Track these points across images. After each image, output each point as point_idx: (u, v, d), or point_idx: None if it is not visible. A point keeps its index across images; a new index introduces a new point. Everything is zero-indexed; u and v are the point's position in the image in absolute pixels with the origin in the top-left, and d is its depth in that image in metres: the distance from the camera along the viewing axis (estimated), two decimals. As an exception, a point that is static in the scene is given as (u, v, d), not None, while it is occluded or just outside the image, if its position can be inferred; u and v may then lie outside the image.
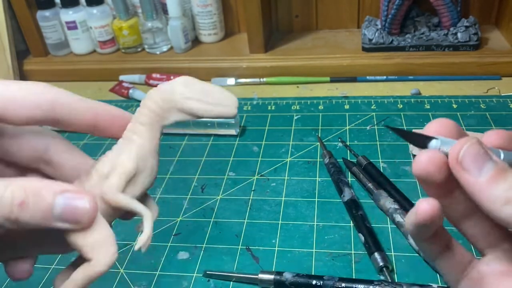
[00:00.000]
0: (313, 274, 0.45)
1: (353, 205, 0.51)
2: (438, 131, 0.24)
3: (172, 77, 0.84)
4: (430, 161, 0.23)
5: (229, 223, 0.53)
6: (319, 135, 0.66)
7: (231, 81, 0.83)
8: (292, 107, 0.74)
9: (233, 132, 0.67)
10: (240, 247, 0.49)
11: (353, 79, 0.80)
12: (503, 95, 0.72)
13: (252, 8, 0.80)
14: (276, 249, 0.49)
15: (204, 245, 0.50)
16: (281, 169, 0.60)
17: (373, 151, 0.61)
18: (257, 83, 0.82)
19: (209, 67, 0.85)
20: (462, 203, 0.25)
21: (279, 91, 0.80)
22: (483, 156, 0.22)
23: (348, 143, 0.63)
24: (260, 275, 0.44)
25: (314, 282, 0.43)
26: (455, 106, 0.69)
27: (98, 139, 0.69)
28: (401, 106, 0.71)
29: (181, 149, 0.67)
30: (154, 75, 0.85)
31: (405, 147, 0.61)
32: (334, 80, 0.80)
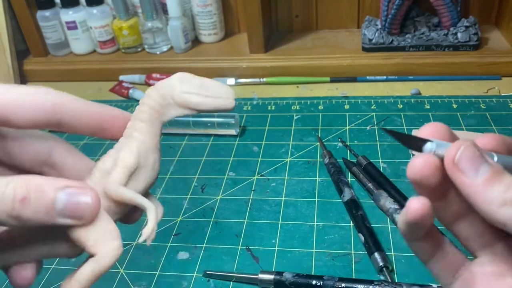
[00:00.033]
0: (313, 274, 0.45)
1: (353, 205, 0.51)
2: (431, 135, 0.24)
3: (172, 77, 0.84)
4: (425, 165, 0.23)
5: (229, 223, 0.53)
6: (319, 135, 0.66)
7: (231, 81, 0.83)
8: (292, 107, 0.74)
9: (233, 132, 0.67)
10: (240, 247, 0.49)
11: (353, 79, 0.80)
12: (503, 95, 0.72)
13: (252, 8, 0.80)
14: (276, 249, 0.49)
15: (204, 245, 0.50)
16: (281, 169, 0.60)
17: (373, 151, 0.61)
18: (257, 83, 0.82)
19: (209, 67, 0.85)
20: (455, 206, 0.26)
21: (279, 91, 0.80)
22: (479, 158, 0.22)
23: (348, 143, 0.63)
24: (260, 275, 0.44)
25: (314, 282, 0.43)
26: (455, 106, 0.69)
27: (97, 139, 0.69)
28: (401, 106, 0.71)
29: (181, 149, 0.67)
30: (154, 75, 0.85)
31: (405, 147, 0.61)
32: (334, 80, 0.80)
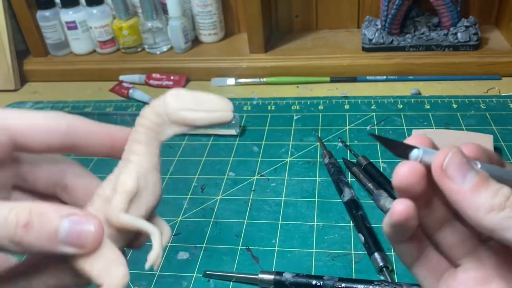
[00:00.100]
0: (313, 274, 0.45)
1: (353, 205, 0.51)
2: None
3: (172, 77, 0.84)
4: (410, 173, 0.23)
5: (229, 223, 0.53)
6: (319, 135, 0.66)
7: (231, 81, 0.83)
8: (292, 107, 0.74)
9: (233, 132, 0.67)
10: (240, 247, 0.49)
11: (353, 79, 0.80)
12: (503, 95, 0.72)
13: (252, 8, 0.80)
14: (276, 249, 0.49)
15: (204, 245, 0.50)
16: (281, 169, 0.60)
17: (373, 151, 0.61)
18: (257, 83, 0.82)
19: (209, 67, 0.85)
20: (438, 213, 0.26)
21: (279, 91, 0.80)
22: (466, 165, 0.22)
23: (348, 143, 0.63)
24: (260, 275, 0.44)
25: (314, 282, 0.43)
26: (455, 106, 0.69)
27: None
28: (401, 106, 0.71)
29: (181, 149, 0.67)
30: (154, 75, 0.85)
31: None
32: (334, 80, 0.80)
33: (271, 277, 0.44)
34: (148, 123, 0.26)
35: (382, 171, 0.57)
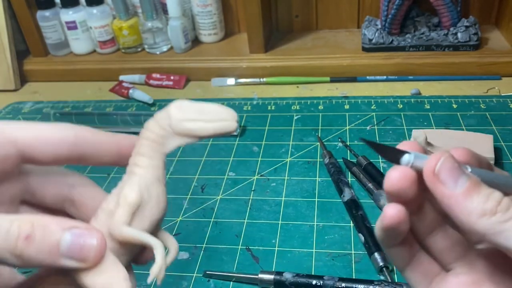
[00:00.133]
0: (313, 274, 0.45)
1: (353, 205, 0.51)
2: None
3: (172, 77, 0.84)
4: (402, 177, 0.23)
5: (229, 223, 0.53)
6: (319, 135, 0.66)
7: (231, 81, 0.83)
8: (292, 107, 0.74)
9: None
10: (240, 247, 0.49)
11: (353, 79, 0.80)
12: (503, 95, 0.72)
13: (252, 8, 0.80)
14: (276, 249, 0.49)
15: (204, 245, 0.50)
16: (281, 169, 0.60)
17: (373, 151, 0.61)
18: (257, 83, 0.82)
19: (209, 67, 0.85)
20: (429, 218, 0.26)
21: (279, 91, 0.80)
22: (457, 169, 0.22)
23: (348, 143, 0.63)
24: (260, 275, 0.44)
25: (314, 282, 0.43)
26: (455, 106, 0.70)
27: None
28: (401, 106, 0.71)
29: (181, 149, 0.67)
30: (154, 75, 0.85)
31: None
32: (334, 80, 0.80)
33: (271, 277, 0.44)
34: (152, 136, 0.25)
35: (382, 171, 0.57)
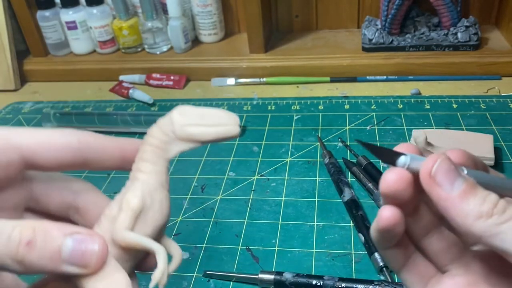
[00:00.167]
0: (313, 274, 0.45)
1: (353, 205, 0.51)
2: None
3: (172, 77, 0.84)
4: (398, 179, 0.23)
5: (229, 223, 0.53)
6: (319, 135, 0.66)
7: (231, 81, 0.83)
8: (292, 107, 0.74)
9: (233, 132, 0.67)
10: (240, 247, 0.49)
11: (353, 79, 0.80)
12: (503, 95, 0.72)
13: (252, 8, 0.80)
14: (276, 249, 0.49)
15: (204, 245, 0.50)
16: (281, 169, 0.60)
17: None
18: (257, 83, 0.82)
19: (209, 67, 0.85)
20: (425, 220, 0.26)
21: (279, 91, 0.80)
22: (454, 171, 0.22)
23: (348, 143, 0.63)
24: (260, 275, 0.44)
25: (314, 282, 0.43)
26: (455, 106, 0.70)
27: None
28: (401, 106, 0.71)
29: (181, 149, 0.66)
30: (154, 75, 0.85)
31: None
32: (334, 80, 0.80)
33: (271, 277, 0.44)
34: (155, 141, 0.25)
35: (382, 171, 0.57)
